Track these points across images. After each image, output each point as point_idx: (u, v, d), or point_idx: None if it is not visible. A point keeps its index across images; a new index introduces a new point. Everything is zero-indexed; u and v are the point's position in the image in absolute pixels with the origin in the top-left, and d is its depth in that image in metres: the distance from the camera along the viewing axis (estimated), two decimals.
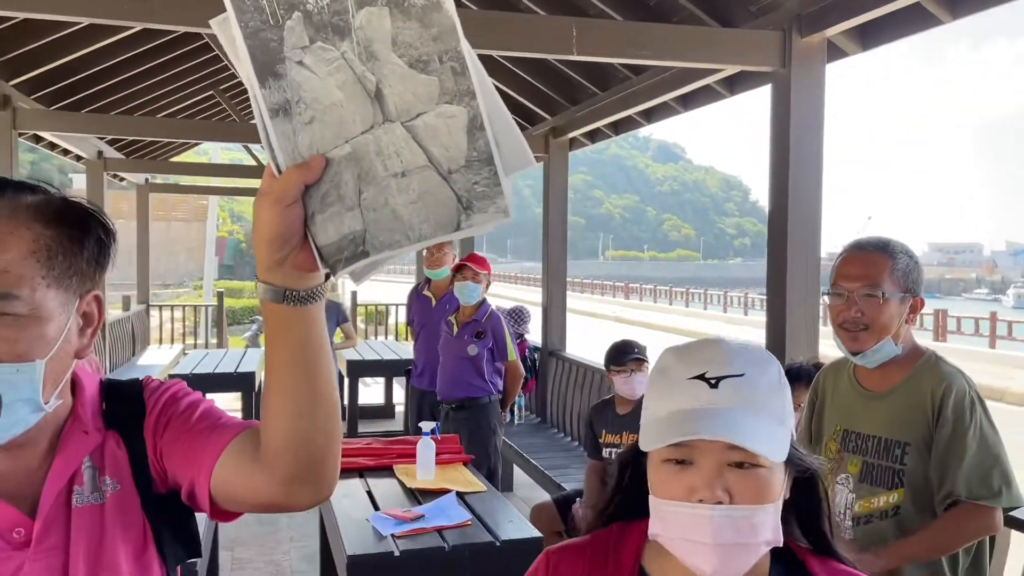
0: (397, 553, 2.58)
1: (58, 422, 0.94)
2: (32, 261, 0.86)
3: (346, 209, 0.78)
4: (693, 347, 0.99)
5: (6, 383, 0.83)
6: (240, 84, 8.08)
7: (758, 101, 3.57)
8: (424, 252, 5.08)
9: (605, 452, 3.76)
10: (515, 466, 5.51)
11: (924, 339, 18.38)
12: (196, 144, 11.85)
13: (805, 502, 1.01)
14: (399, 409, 8.23)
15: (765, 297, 3.67)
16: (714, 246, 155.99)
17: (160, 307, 12.19)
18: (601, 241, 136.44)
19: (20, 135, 5.58)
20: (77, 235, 0.90)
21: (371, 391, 8.96)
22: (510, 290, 37.66)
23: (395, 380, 8.49)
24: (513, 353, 4.52)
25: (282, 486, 0.91)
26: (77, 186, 42.08)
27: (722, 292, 36.35)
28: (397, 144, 0.76)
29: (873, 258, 1.90)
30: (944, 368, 1.89)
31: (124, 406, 1.01)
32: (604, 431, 3.77)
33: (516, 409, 6.03)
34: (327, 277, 0.83)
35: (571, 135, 6.16)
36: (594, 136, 6.23)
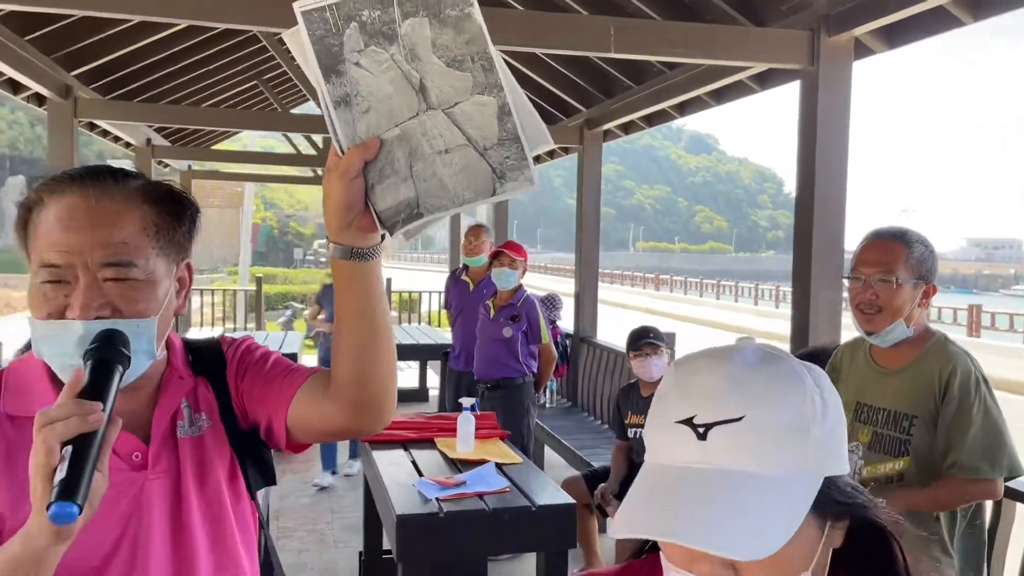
0: (441, 514, 2.79)
1: (159, 369, 1.14)
2: (144, 235, 1.05)
3: (400, 180, 0.96)
4: (693, 366, 0.78)
5: (133, 335, 1.02)
6: (283, 75, 8.35)
7: (793, 94, 3.69)
8: (463, 240, 5.29)
9: (631, 432, 3.95)
10: (547, 447, 5.71)
11: (958, 334, 18.25)
12: (236, 132, 12.17)
13: (868, 557, 0.81)
14: (433, 393, 8.48)
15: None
16: (747, 238, 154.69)
17: (200, 291, 12.56)
18: (632, 232, 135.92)
19: (80, 123, 5.87)
20: (176, 213, 1.10)
21: (405, 375, 9.21)
22: (540, 280, 37.81)
23: (429, 365, 8.74)
24: (546, 336, 4.72)
25: (350, 414, 1.10)
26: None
27: (753, 285, 36.20)
28: (440, 127, 0.94)
29: (890, 246, 2.07)
30: (952, 349, 2.05)
31: (207, 358, 1.21)
32: (630, 412, 3.96)
33: (548, 393, 6.24)
34: (383, 238, 1.02)
35: (605, 127, 6.32)
36: (628, 128, 6.39)
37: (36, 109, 5.99)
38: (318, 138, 9.00)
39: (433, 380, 8.79)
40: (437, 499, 2.89)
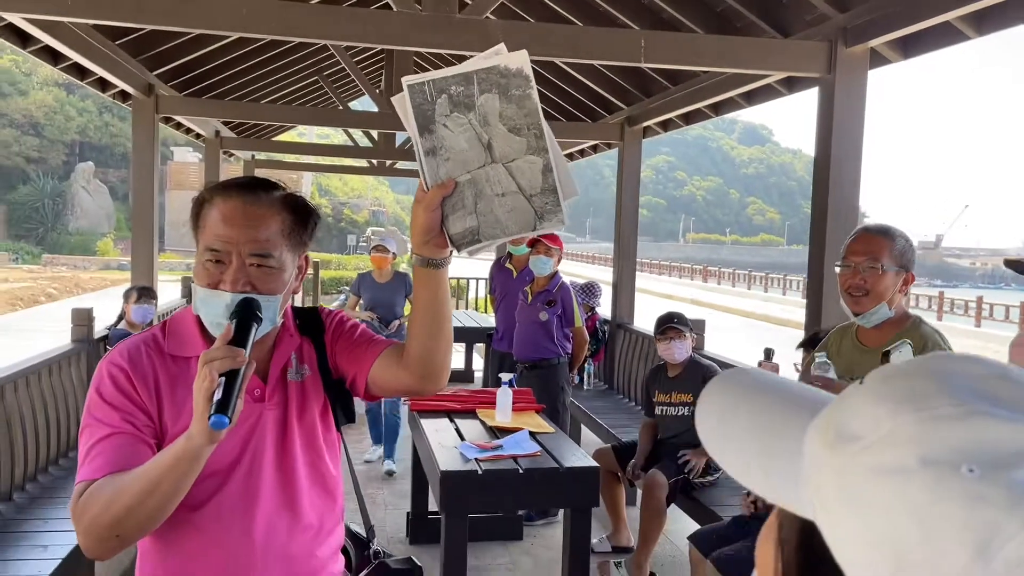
0: (480, 472, 3.19)
1: (277, 328, 1.55)
2: (281, 236, 1.42)
3: (467, 213, 1.30)
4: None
5: (266, 307, 1.40)
6: (342, 71, 8.80)
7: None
8: None
9: (658, 410, 4.30)
10: (583, 426, 6.07)
11: (1007, 331, 17.95)
12: (295, 126, 12.72)
13: None
14: (478, 375, 8.91)
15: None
16: (799, 231, 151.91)
17: None
18: (682, 223, 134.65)
19: (159, 117, 6.39)
20: (304, 220, 1.48)
21: (452, 358, 9.66)
22: (588, 270, 37.99)
23: (474, 348, 9.17)
24: (579, 320, 5.09)
25: (417, 380, 1.49)
26: (177, 158, 43.95)
27: (802, 278, 35.89)
28: (499, 176, 1.25)
29: (876, 239, 2.39)
30: (925, 329, 2.37)
31: (310, 323, 1.60)
32: (657, 391, 4.31)
33: (585, 376, 6.59)
34: (451, 253, 1.38)
35: (644, 124, 6.63)
36: (666, 125, 6.68)
37: (121, 104, 6.55)
38: (374, 132, 9.46)
39: (478, 362, 9.22)
40: (476, 459, 3.29)
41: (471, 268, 16.11)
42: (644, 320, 7.27)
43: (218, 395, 1.19)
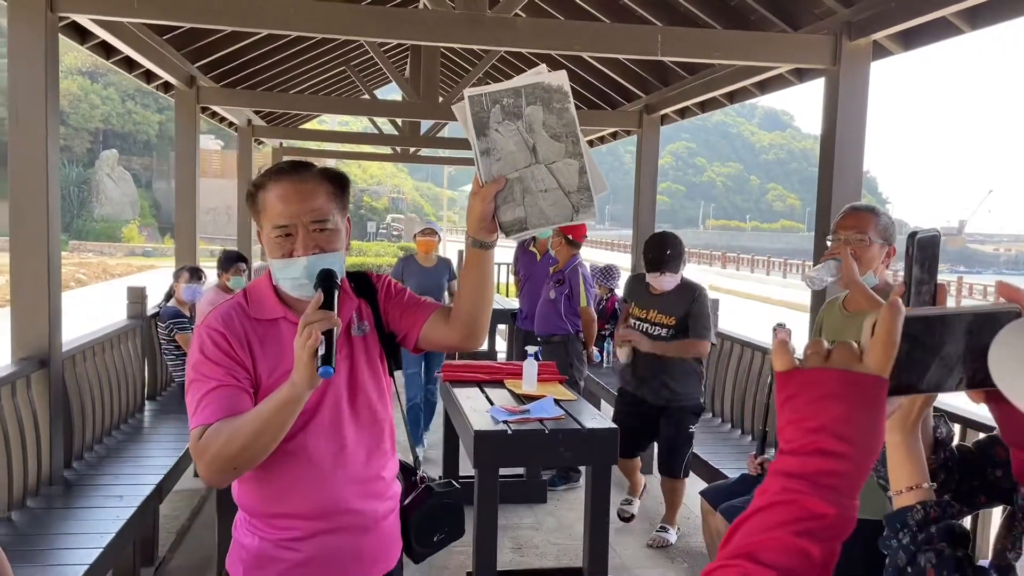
0: (509, 432, 3.51)
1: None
2: (330, 201, 1.72)
3: (516, 205, 1.55)
4: None
5: (336, 262, 1.71)
6: (368, 60, 9.10)
7: (874, 72, 4.05)
8: None
9: (633, 324, 4.35)
10: (602, 400, 6.38)
11: None
12: (321, 114, 13.05)
13: None
14: (501, 356, 9.24)
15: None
16: None
17: None
18: (702, 210, 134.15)
19: (201, 109, 6.74)
20: (342, 185, 1.77)
21: None
22: (606, 256, 38.20)
23: (497, 330, 9.49)
24: (585, 301, 5.42)
25: (462, 337, 1.80)
26: (203, 144, 44.55)
27: None
28: (543, 175, 1.49)
29: (863, 215, 2.68)
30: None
31: (363, 285, 1.90)
32: (634, 304, 4.37)
33: (604, 354, 6.89)
34: (497, 237, 1.65)
35: (662, 112, 6.89)
36: (683, 113, 6.93)
37: (163, 96, 6.90)
38: (399, 120, 9.77)
39: (500, 345, 9.56)
40: (505, 421, 3.61)
41: (496, 254, 16.45)
42: None
43: (321, 350, 1.47)
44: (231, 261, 5.41)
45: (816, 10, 4.39)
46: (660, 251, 4.19)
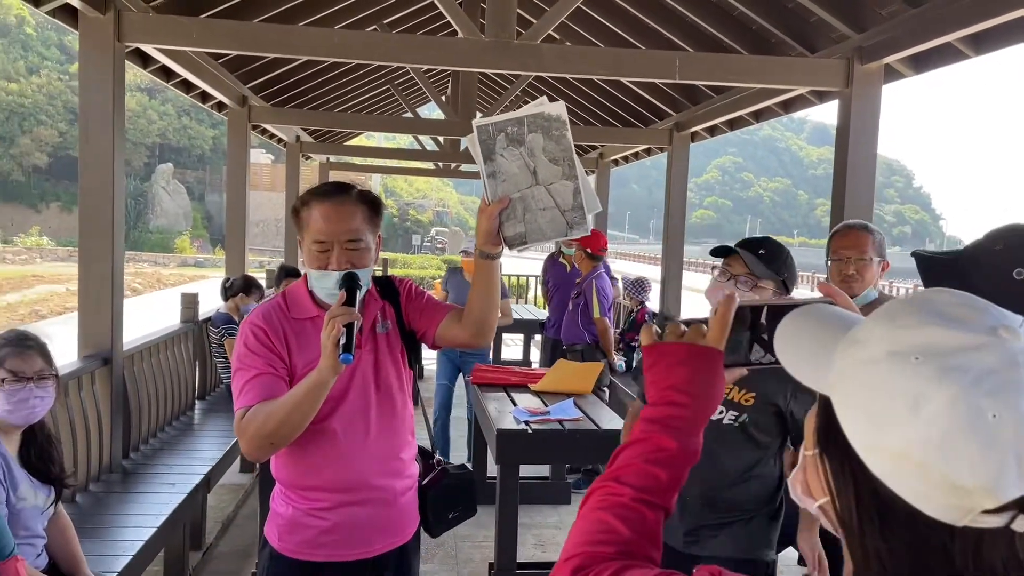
0: (530, 432, 3.75)
1: (363, 294, 2.12)
2: (365, 223, 1.98)
3: (518, 222, 1.78)
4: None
5: (362, 276, 1.97)
6: (411, 80, 9.45)
7: (925, 85, 4.22)
8: None
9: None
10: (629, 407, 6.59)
11: None
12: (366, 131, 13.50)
13: None
14: (534, 365, 9.48)
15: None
16: None
17: None
18: (748, 225, 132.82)
19: (252, 127, 7.15)
20: (376, 208, 2.03)
21: (511, 349, 10.27)
22: (647, 270, 38.06)
23: (532, 340, 9.74)
24: (598, 312, 5.66)
25: (472, 335, 2.06)
26: (254, 158, 45.58)
27: None
28: (542, 195, 1.70)
29: (861, 235, 2.87)
30: (888, 298, 2.86)
31: (387, 289, 2.16)
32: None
33: (635, 362, 7.09)
34: (502, 249, 1.89)
35: (692, 130, 7.10)
36: (712, 131, 7.13)
37: (216, 113, 7.33)
38: (441, 138, 10.12)
39: (534, 354, 9.80)
40: (527, 422, 3.86)
41: (530, 267, 16.75)
42: (693, 314, 7.74)
43: (343, 340, 1.72)
44: (286, 276, 5.73)
45: (832, 34, 4.58)
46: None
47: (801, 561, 2.49)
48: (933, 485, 0.61)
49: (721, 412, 2.29)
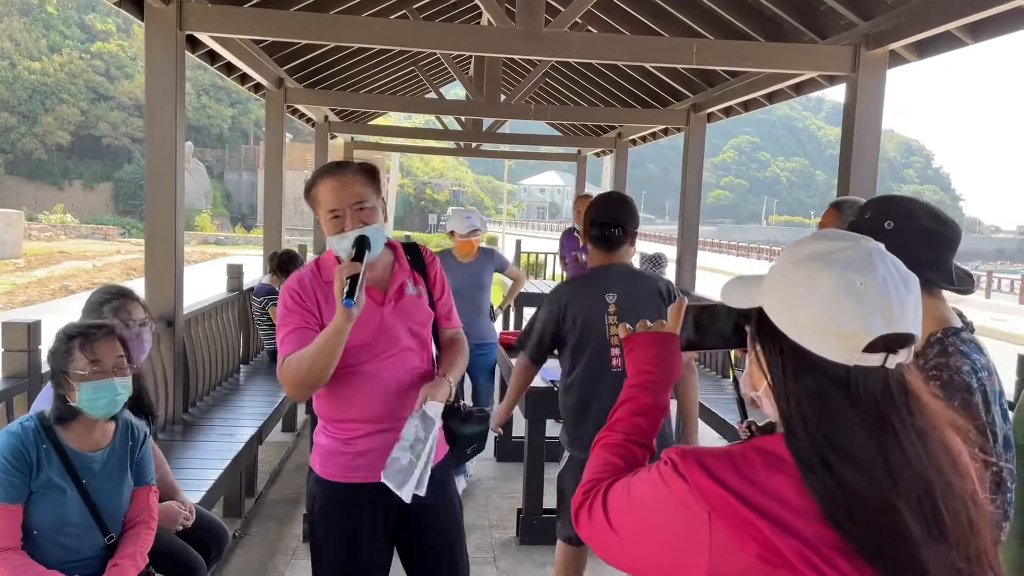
0: (555, 388, 4.10)
1: (390, 261, 2.40)
2: (367, 188, 2.24)
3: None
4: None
5: (375, 232, 2.24)
6: (435, 61, 9.74)
7: (946, 64, 4.42)
8: (575, 203, 6.55)
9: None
10: None
11: None
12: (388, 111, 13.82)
13: None
14: None
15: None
16: None
17: None
18: (765, 205, 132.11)
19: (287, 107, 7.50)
20: (373, 175, 2.28)
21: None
22: (662, 250, 38.28)
23: None
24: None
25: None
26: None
27: None
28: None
29: (831, 212, 3.08)
30: None
31: (416, 259, 2.47)
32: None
33: None
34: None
35: (708, 111, 7.38)
36: (728, 112, 7.41)
37: (236, 92, 7.67)
38: (463, 117, 10.44)
39: None
40: (552, 380, 4.21)
41: (547, 245, 17.04)
42: (706, 290, 8.08)
43: (345, 287, 2.01)
44: (282, 262, 6.07)
45: (841, 21, 4.87)
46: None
47: None
48: (829, 337, 0.98)
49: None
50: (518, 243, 14.10)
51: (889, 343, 0.96)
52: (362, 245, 2.12)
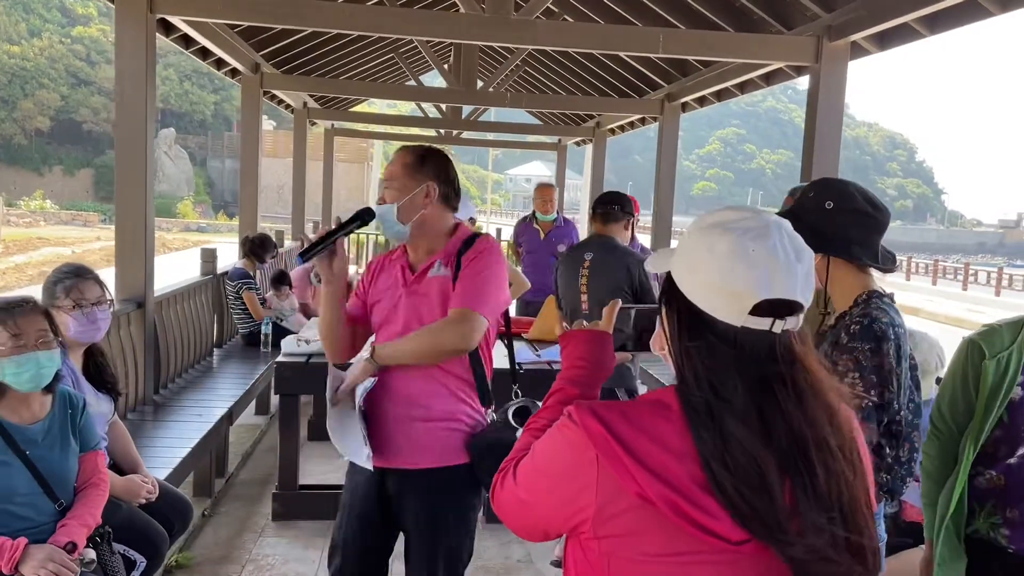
0: (521, 371, 4.18)
1: (437, 247, 2.45)
2: (402, 168, 2.32)
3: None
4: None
5: (385, 211, 2.37)
6: (414, 48, 9.77)
7: (930, 55, 4.48)
8: (535, 190, 6.54)
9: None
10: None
11: None
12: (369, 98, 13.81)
13: None
14: None
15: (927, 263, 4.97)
16: None
17: None
18: (750, 197, 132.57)
19: (263, 93, 7.51)
20: (420, 160, 2.38)
21: None
22: (645, 240, 38.36)
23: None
24: None
25: None
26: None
27: None
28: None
29: (786, 201, 3.26)
30: None
31: (466, 246, 2.46)
32: None
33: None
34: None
35: (682, 100, 7.46)
36: (702, 102, 7.50)
37: (218, 79, 7.68)
38: (443, 105, 10.46)
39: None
40: (519, 363, 4.28)
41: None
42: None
43: (305, 247, 2.21)
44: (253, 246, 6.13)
45: (806, 13, 4.95)
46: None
47: None
48: (722, 296, 1.07)
49: None
50: (498, 231, 14.19)
51: (775, 308, 1.05)
52: (358, 215, 2.24)
